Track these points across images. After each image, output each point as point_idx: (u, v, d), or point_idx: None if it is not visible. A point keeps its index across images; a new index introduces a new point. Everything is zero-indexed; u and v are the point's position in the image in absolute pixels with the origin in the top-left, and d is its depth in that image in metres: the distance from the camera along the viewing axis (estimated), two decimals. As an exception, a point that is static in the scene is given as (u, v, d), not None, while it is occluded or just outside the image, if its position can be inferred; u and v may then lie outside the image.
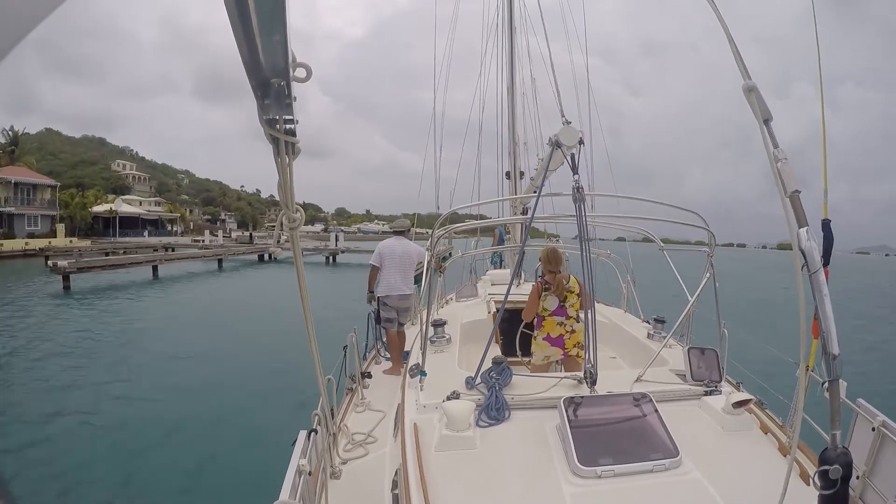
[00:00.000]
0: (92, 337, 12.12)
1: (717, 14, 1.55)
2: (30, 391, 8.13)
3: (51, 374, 9.04)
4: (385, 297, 5.11)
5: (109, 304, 16.96)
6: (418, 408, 2.57)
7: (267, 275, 28.59)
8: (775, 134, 1.45)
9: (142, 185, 76.38)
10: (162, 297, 19.08)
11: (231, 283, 24.12)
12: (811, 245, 1.39)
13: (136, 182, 76.04)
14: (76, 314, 15.31)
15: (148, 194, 71.91)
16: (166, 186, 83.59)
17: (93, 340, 11.78)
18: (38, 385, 8.38)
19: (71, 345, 11.25)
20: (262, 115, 1.14)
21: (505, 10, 9.03)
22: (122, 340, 11.74)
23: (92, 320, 14.26)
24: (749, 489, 1.98)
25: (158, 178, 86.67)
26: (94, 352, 10.77)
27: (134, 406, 7.39)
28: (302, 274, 1.77)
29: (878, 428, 2.30)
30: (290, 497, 1.77)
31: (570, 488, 1.95)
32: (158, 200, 66.21)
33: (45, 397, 7.77)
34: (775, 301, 21.80)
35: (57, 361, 9.91)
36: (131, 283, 21.12)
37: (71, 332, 12.63)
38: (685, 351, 2.90)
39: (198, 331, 12.94)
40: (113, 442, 6.19)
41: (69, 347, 11.01)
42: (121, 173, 75.55)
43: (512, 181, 8.87)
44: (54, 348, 10.92)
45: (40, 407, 7.26)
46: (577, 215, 2.75)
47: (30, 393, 8.02)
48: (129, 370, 9.32)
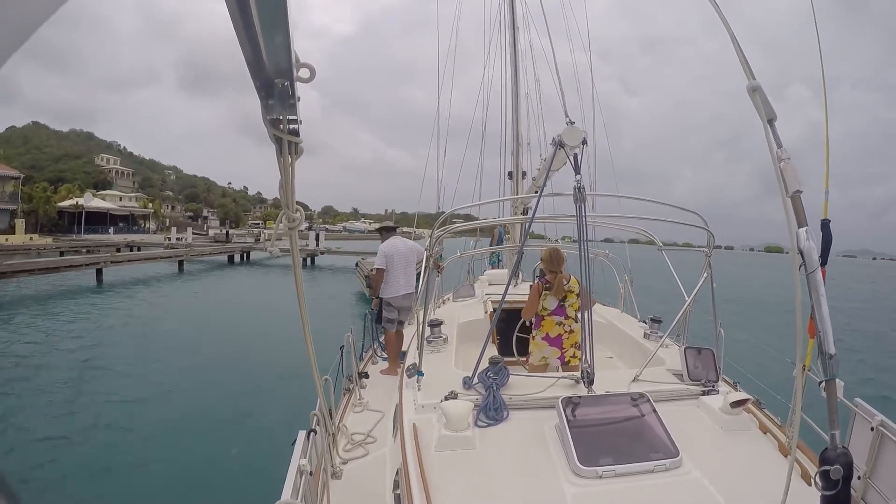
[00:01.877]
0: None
1: (719, 14, 1.56)
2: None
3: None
4: (390, 298, 5.08)
5: (33, 320, 13.07)
6: (416, 408, 2.56)
7: (235, 279, 25.66)
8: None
9: (124, 180, 75.10)
10: (99, 308, 15.16)
11: (186, 289, 20.66)
12: (810, 245, 1.39)
13: (118, 177, 74.71)
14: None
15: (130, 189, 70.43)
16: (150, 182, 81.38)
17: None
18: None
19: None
20: (266, 115, 1.12)
21: (506, 7, 9.05)
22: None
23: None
24: (751, 489, 1.97)
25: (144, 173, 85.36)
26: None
27: (134, 407, 7.20)
28: (299, 273, 1.73)
29: (877, 427, 2.28)
30: (292, 497, 1.77)
31: (571, 488, 1.95)
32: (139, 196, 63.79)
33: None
34: (766, 301, 21.72)
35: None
36: (65, 292, 17.50)
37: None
38: (682, 350, 2.91)
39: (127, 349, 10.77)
40: (113, 443, 6.08)
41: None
42: (103, 168, 73.84)
43: (514, 181, 8.77)
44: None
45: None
46: (578, 215, 2.75)
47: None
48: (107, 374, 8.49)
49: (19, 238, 32.95)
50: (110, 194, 58.03)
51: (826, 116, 1.83)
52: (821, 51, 1.79)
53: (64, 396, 7.62)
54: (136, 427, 6.51)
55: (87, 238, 37.87)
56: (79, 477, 5.29)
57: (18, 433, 6.33)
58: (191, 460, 5.58)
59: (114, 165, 76.94)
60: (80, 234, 40.56)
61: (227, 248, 32.54)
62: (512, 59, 8.97)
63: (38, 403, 7.26)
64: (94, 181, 65.36)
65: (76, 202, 43.13)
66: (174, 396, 7.62)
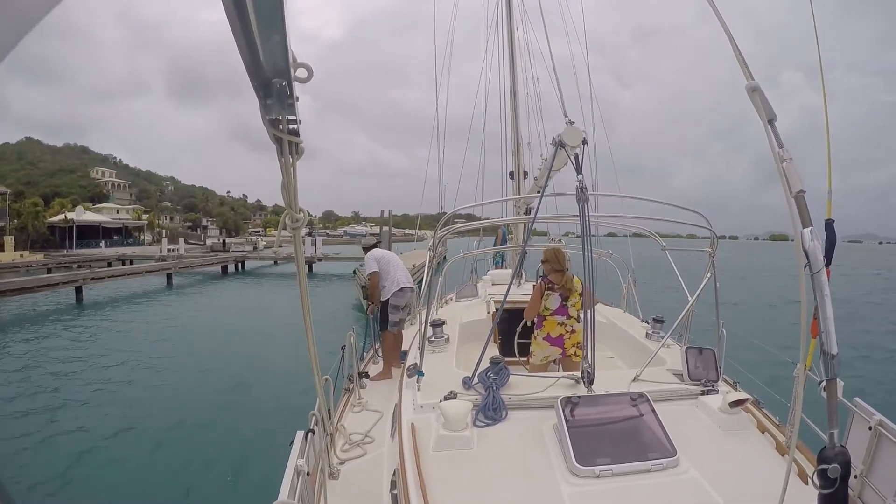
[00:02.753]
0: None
1: (716, 13, 1.54)
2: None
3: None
4: (396, 297, 4.91)
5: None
6: (415, 408, 2.57)
7: (226, 292, 23.95)
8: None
9: (121, 193, 74.39)
10: (73, 331, 13.73)
11: (173, 305, 19.01)
12: (815, 245, 1.38)
13: (115, 189, 74.00)
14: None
15: (128, 202, 69.78)
16: (148, 193, 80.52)
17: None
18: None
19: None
20: (265, 115, 1.11)
21: (503, 5, 9.05)
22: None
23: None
24: (747, 488, 1.98)
25: (141, 185, 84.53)
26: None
27: (134, 409, 7.23)
28: (303, 272, 1.71)
29: (875, 427, 2.28)
30: (289, 497, 1.77)
31: (568, 488, 1.95)
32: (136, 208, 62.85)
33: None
34: (770, 297, 21.21)
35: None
36: (43, 314, 16.10)
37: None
38: (682, 351, 2.90)
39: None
40: (113, 444, 6.10)
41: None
42: (99, 181, 73.08)
43: (515, 181, 8.72)
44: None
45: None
46: (581, 215, 2.74)
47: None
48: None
49: (8, 255, 31.95)
50: (107, 207, 57.28)
51: (826, 118, 1.80)
52: (819, 53, 1.78)
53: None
54: (136, 427, 6.56)
55: (78, 253, 36.76)
56: (78, 477, 5.33)
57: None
58: (189, 461, 5.62)
59: (109, 178, 76.20)
60: (73, 248, 39.42)
61: (218, 258, 31.26)
62: (510, 57, 8.93)
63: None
64: (91, 195, 64.67)
65: (65, 216, 42.00)
66: (174, 396, 7.70)
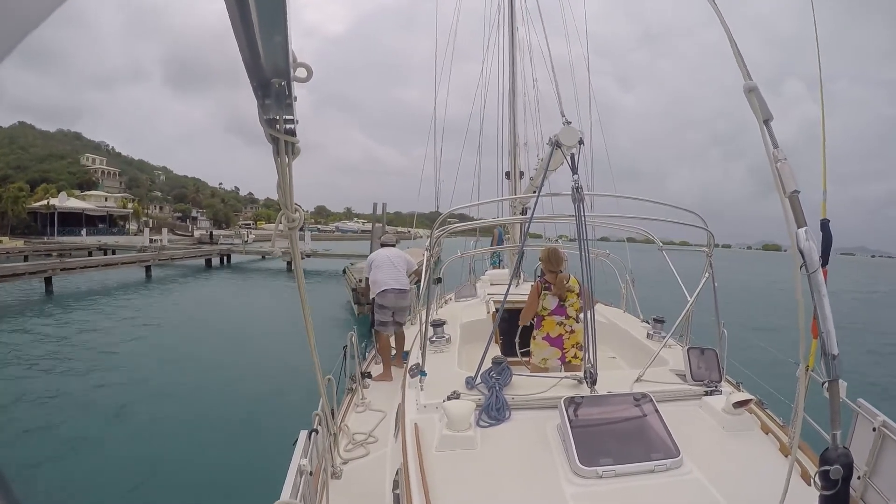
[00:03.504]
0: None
1: (718, 14, 1.54)
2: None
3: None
4: (380, 297, 4.95)
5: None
6: (419, 408, 2.57)
7: (208, 287, 22.87)
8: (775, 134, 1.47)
9: (111, 181, 73.03)
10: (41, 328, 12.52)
11: (149, 300, 17.80)
12: (810, 245, 1.38)
13: (104, 177, 72.56)
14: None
15: (117, 190, 68.37)
16: (138, 182, 79.07)
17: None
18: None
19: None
20: (263, 115, 1.12)
21: (506, 5, 9.02)
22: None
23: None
24: (750, 489, 1.97)
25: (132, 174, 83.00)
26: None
27: (134, 409, 7.22)
28: (301, 272, 1.75)
29: (879, 428, 2.26)
30: (291, 497, 1.76)
31: (571, 488, 1.95)
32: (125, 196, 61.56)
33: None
34: (769, 299, 21.28)
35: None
36: (7, 306, 14.99)
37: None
38: (685, 351, 2.89)
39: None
40: (112, 444, 6.06)
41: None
42: (89, 168, 71.61)
43: (511, 181, 8.75)
44: None
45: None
46: (577, 215, 2.75)
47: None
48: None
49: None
50: (95, 195, 56.20)
51: (823, 119, 1.78)
52: (819, 51, 1.77)
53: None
54: (135, 427, 6.55)
55: (58, 240, 35.70)
56: (78, 477, 5.31)
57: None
58: (191, 460, 5.61)
59: (100, 165, 74.79)
60: (54, 236, 38.31)
61: (202, 251, 30.28)
62: (510, 57, 8.89)
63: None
64: (80, 182, 63.28)
65: (48, 202, 40.76)
66: (173, 398, 7.62)
